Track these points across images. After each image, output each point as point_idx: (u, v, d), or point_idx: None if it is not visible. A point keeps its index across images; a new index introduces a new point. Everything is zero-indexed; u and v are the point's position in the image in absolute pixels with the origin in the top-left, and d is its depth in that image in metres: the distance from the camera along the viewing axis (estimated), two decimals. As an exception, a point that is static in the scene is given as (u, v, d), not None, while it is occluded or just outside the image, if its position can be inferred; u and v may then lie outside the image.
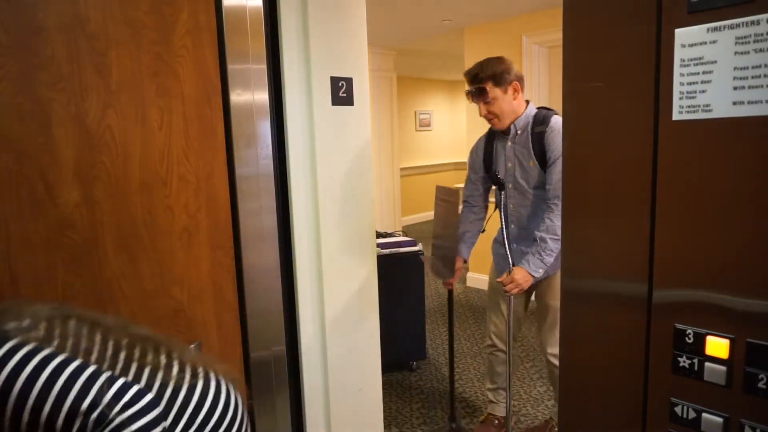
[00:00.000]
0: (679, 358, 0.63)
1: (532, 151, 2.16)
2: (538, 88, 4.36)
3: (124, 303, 1.30)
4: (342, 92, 1.73)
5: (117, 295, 1.29)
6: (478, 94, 2.15)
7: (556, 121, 2.13)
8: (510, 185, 2.24)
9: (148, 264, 1.33)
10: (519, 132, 2.22)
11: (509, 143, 2.25)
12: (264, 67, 1.53)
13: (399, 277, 3.10)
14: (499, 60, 2.16)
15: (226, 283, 1.49)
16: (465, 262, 2.47)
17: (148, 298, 1.34)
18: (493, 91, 2.14)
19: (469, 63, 5.22)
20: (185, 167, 1.38)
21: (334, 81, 1.70)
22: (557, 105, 4.65)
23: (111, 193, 1.26)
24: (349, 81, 1.74)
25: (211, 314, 1.46)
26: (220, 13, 1.43)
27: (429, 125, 9.95)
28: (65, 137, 1.19)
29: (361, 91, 1.79)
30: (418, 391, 3.04)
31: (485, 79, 2.13)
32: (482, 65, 2.14)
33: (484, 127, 2.41)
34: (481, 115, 2.21)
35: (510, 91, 2.16)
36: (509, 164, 2.25)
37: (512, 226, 2.29)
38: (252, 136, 1.51)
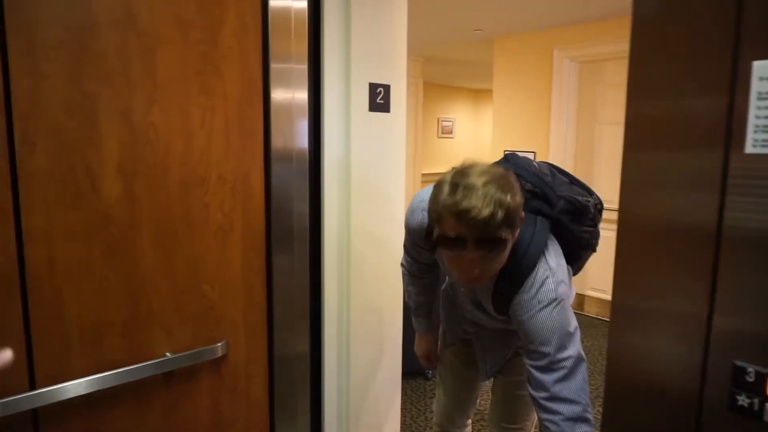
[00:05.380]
0: (737, 396, 0.61)
1: (489, 302, 1.36)
2: (567, 103, 4.33)
3: (157, 299, 1.31)
4: (380, 99, 1.73)
5: (150, 291, 1.30)
6: (486, 247, 1.13)
7: (534, 285, 1.24)
8: (466, 300, 1.50)
9: (182, 261, 1.34)
10: None
11: None
12: (305, 70, 1.53)
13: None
14: (509, 180, 1.14)
15: (257, 284, 1.49)
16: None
17: (180, 294, 1.35)
18: (506, 244, 1.16)
19: (499, 73, 5.19)
20: (224, 166, 1.39)
21: (373, 87, 1.70)
22: (584, 118, 4.56)
23: (151, 188, 1.27)
24: (387, 88, 1.74)
25: (239, 314, 1.47)
26: (266, 14, 1.44)
27: (451, 133, 9.94)
28: (110, 131, 1.20)
29: (398, 98, 1.78)
30: (431, 396, 3.02)
31: (502, 225, 1.10)
32: (495, 198, 1.08)
33: (509, 137, 1.51)
34: (461, 278, 1.25)
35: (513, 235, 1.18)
36: (462, 290, 1.50)
37: (467, 323, 1.62)
38: (290, 138, 1.51)
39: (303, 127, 1.54)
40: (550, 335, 1.21)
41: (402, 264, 1.68)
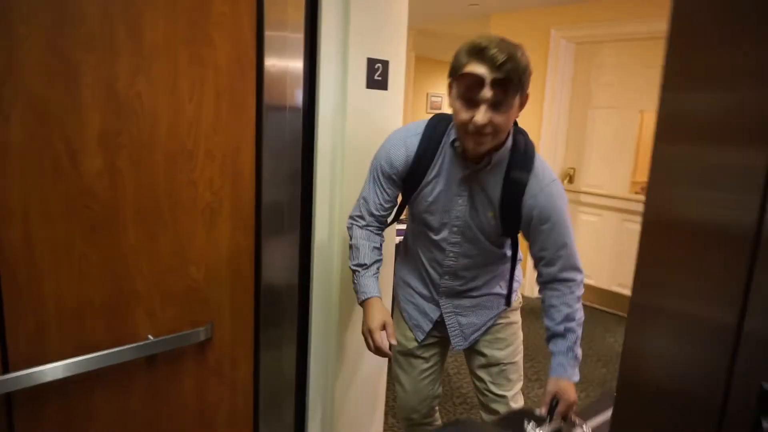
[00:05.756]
0: (763, 422, 0.58)
1: (496, 199, 1.44)
2: (562, 85, 4.27)
3: (140, 279, 1.25)
4: (377, 75, 1.66)
5: (133, 270, 1.23)
6: (501, 89, 1.25)
7: (542, 168, 1.44)
8: (455, 228, 1.49)
9: (167, 240, 1.27)
10: (490, 167, 1.41)
11: (468, 173, 1.43)
12: (301, 41, 1.45)
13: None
14: (523, 50, 1.30)
15: (244, 265, 1.44)
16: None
17: (164, 274, 1.29)
18: (514, 96, 1.29)
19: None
20: (213, 141, 1.32)
21: (371, 63, 1.63)
22: (578, 101, 4.47)
23: (135, 163, 1.20)
24: (385, 64, 1.67)
25: (226, 295, 1.41)
26: (262, -19, 1.35)
27: (440, 109, 9.83)
28: (92, 101, 1.12)
29: (397, 75, 1.71)
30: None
31: (516, 72, 1.25)
32: (510, 49, 1.25)
33: None
34: (471, 126, 1.29)
35: (520, 103, 1.33)
36: (460, 201, 1.46)
37: (445, 277, 1.58)
38: (282, 113, 1.44)
39: (297, 102, 1.47)
40: (562, 206, 1.44)
41: (352, 222, 1.56)
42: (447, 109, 1.48)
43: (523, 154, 1.44)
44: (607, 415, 1.46)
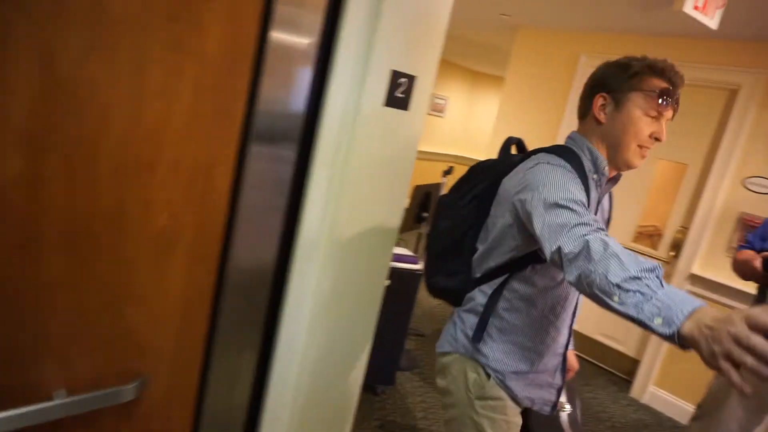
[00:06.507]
0: None
1: (607, 213, 1.59)
2: (581, 115, 4.02)
3: (55, 318, 0.95)
4: (400, 92, 1.36)
5: (46, 307, 0.93)
6: (677, 105, 1.41)
7: None
8: None
9: (98, 271, 0.97)
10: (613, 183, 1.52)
11: (600, 196, 1.49)
12: (314, 43, 1.15)
13: (389, 294, 2.77)
14: None
15: (200, 308, 1.14)
16: None
17: (90, 314, 0.99)
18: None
19: (517, 64, 4.78)
20: (182, 151, 1.02)
21: (395, 76, 1.33)
22: None
23: (70, 169, 0.89)
24: (411, 80, 1.37)
25: (170, 344, 1.11)
26: (277, -44, 1.05)
27: (442, 111, 9.54)
28: (21, 80, 0.81)
29: (422, 95, 1.42)
30: (377, 417, 2.75)
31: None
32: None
33: (514, 129, 1.80)
34: (647, 141, 1.40)
35: None
36: None
37: (568, 322, 1.52)
38: (278, 124, 1.15)
39: (298, 111, 1.17)
40: None
41: (590, 231, 1.10)
42: (449, 113, 1.20)
43: None
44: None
